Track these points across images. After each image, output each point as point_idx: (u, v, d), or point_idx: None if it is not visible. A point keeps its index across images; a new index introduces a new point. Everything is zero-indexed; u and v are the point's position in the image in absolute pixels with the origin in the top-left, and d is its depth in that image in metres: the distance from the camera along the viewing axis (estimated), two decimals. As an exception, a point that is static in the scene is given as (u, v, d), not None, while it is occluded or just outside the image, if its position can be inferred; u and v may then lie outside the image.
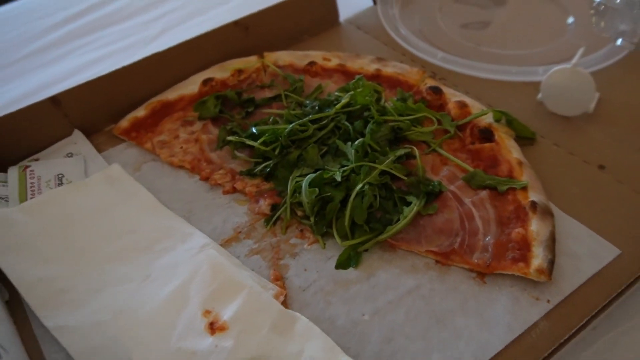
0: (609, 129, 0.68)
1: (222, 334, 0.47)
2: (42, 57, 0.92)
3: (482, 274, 0.55)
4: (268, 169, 0.65)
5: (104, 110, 0.74)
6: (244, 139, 0.67)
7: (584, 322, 0.48)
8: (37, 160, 0.69)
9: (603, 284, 0.52)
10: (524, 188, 0.60)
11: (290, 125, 0.66)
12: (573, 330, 0.48)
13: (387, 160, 0.62)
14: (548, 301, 0.52)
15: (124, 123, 0.73)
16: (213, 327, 0.48)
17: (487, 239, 0.57)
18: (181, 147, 0.70)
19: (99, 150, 0.71)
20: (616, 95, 0.72)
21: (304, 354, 0.47)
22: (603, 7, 0.68)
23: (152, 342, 0.48)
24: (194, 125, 0.73)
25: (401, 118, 0.68)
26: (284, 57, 0.80)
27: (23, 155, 0.70)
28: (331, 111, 0.69)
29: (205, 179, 0.67)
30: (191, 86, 0.77)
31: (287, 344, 0.48)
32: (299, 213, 0.61)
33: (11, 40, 0.96)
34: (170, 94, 0.76)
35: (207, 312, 0.49)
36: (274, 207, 0.62)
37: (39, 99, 0.70)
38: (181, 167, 0.69)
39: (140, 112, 0.74)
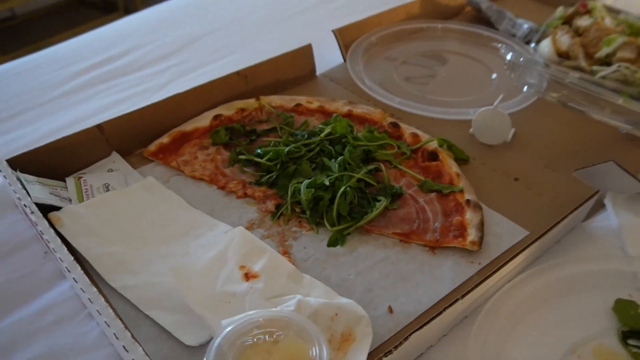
0: (521, 153, 0.92)
1: (255, 280, 0.66)
2: (70, 99, 1.10)
3: (433, 247, 0.76)
4: (272, 179, 0.86)
5: (136, 137, 0.93)
6: (253, 157, 0.88)
7: (500, 271, 0.70)
8: (84, 173, 0.88)
9: (515, 251, 0.73)
10: (461, 191, 0.82)
11: (289, 147, 0.87)
12: (491, 274, 0.69)
13: (362, 171, 0.84)
14: (479, 263, 0.73)
15: (152, 147, 0.92)
16: (247, 276, 0.67)
17: (435, 224, 0.78)
18: (200, 165, 0.90)
19: (133, 168, 0.90)
20: (527, 129, 0.97)
21: (311, 295, 0.67)
22: (512, 64, 0.93)
23: (201, 289, 0.66)
24: (209, 149, 0.93)
25: (370, 143, 0.90)
26: (276, 100, 1.02)
27: (73, 170, 0.87)
28: (317, 138, 0.90)
29: (222, 187, 0.87)
30: (204, 120, 0.97)
31: (299, 289, 0.67)
32: (297, 210, 0.82)
33: (42, 84, 1.14)
34: (187, 126, 0.96)
35: (242, 267, 0.68)
36: (278, 206, 0.82)
37: (68, 133, 0.87)
38: (201, 179, 0.88)
39: (165, 139, 0.94)
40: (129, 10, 3.58)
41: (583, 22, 1.17)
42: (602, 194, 0.83)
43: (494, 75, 1.12)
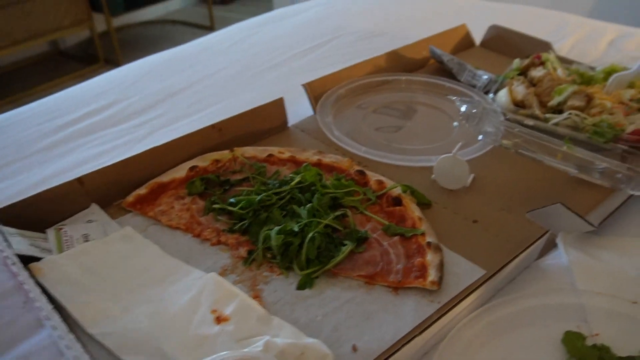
0: (480, 197, 0.98)
1: (226, 323, 0.70)
2: (52, 152, 1.15)
3: (396, 288, 0.81)
4: (244, 226, 0.90)
5: (115, 189, 0.97)
6: (226, 206, 0.93)
7: (455, 308, 0.74)
8: (64, 225, 0.92)
9: (471, 290, 0.79)
10: (423, 234, 0.87)
11: (260, 196, 0.92)
12: (447, 311, 0.74)
13: (330, 217, 0.89)
14: (438, 302, 0.78)
15: (130, 198, 0.97)
16: (219, 319, 0.71)
17: (398, 266, 0.83)
18: (176, 214, 0.95)
19: (112, 219, 0.94)
20: (485, 175, 1.03)
21: (279, 336, 0.71)
22: (467, 115, 1.00)
23: (175, 333, 0.70)
24: (185, 199, 0.98)
25: (337, 191, 0.96)
26: (249, 151, 1.08)
27: (53, 221, 0.91)
28: (287, 187, 0.96)
29: (197, 235, 0.91)
30: (180, 172, 1.02)
31: (268, 331, 0.71)
32: (268, 255, 0.86)
33: (25, 137, 1.18)
34: (165, 177, 1.01)
35: (213, 311, 0.72)
36: (250, 252, 0.87)
37: (49, 185, 0.92)
38: (178, 228, 0.92)
39: (142, 190, 0.98)
40: (109, 61, 3.68)
41: (537, 72, 1.25)
42: (554, 234, 0.88)
43: (455, 124, 1.19)
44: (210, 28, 4.51)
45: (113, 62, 3.63)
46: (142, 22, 4.61)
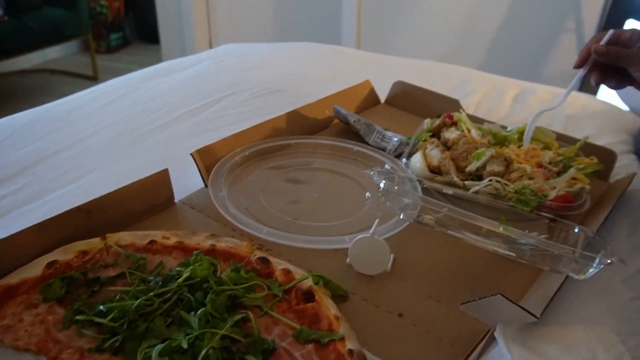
0: (403, 283, 0.85)
1: None
2: None
3: (314, 418, 0.64)
4: (117, 343, 0.70)
5: (-57, 299, 0.75)
6: (93, 317, 0.73)
7: None
8: None
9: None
10: (342, 339, 0.72)
11: (137, 301, 0.73)
12: None
13: (227, 326, 0.71)
14: None
15: (-36, 310, 0.75)
16: None
17: (315, 386, 0.67)
18: (26, 330, 0.73)
19: (-64, 340, 0.71)
20: (406, 255, 0.90)
21: None
22: (386, 191, 0.88)
23: None
24: (39, 307, 0.76)
25: (236, 287, 0.78)
26: (126, 237, 0.88)
27: None
28: (174, 285, 0.77)
29: (53, 359, 0.70)
30: (35, 269, 0.80)
31: None
32: (149, 383, 0.67)
33: None
34: (13, 278, 0.79)
35: None
36: (125, 380, 0.67)
37: None
38: (27, 349, 0.71)
39: (-19, 297, 0.76)
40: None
41: (450, 134, 1.16)
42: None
43: (368, 194, 1.06)
44: (94, 78, 4.24)
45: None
46: (16, 71, 4.25)
